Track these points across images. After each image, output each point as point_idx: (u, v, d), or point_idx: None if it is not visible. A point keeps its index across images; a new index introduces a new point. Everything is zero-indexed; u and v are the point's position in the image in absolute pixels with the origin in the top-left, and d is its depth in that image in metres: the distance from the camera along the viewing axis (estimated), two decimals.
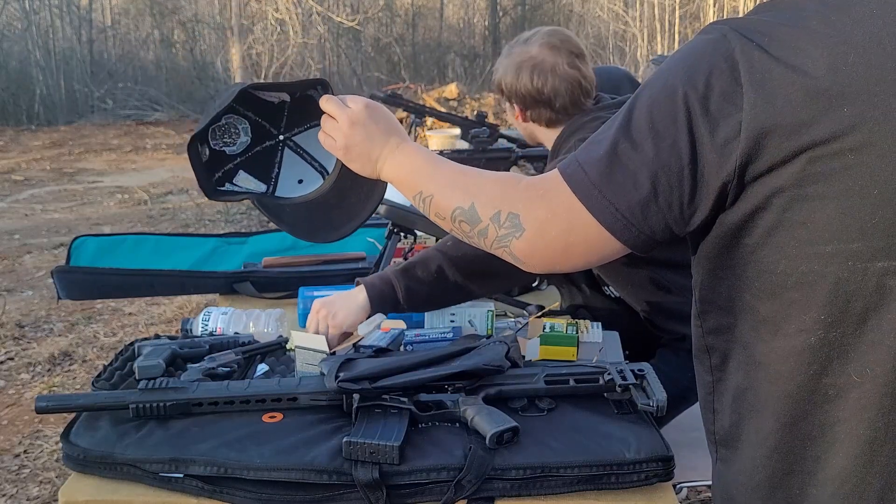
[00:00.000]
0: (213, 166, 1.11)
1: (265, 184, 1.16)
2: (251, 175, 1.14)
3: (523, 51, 1.57)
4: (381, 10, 13.19)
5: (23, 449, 2.61)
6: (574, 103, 1.57)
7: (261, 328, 1.44)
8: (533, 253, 0.84)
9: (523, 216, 0.83)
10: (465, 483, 0.97)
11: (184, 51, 13.13)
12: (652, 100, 0.76)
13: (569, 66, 1.55)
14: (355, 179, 1.06)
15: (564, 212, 0.80)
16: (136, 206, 6.48)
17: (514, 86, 1.57)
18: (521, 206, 0.84)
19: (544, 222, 0.82)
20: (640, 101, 0.78)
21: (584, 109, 1.59)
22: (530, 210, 0.83)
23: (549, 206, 0.82)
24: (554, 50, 1.55)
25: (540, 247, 0.83)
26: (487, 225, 0.86)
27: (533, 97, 1.56)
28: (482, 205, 0.86)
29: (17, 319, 3.79)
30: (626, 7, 9.94)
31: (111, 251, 1.82)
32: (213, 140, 1.10)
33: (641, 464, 1.00)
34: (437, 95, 9.90)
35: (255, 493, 0.98)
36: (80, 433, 1.06)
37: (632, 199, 0.76)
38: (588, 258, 0.84)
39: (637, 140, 0.76)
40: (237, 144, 1.12)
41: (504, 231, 0.84)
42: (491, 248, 0.88)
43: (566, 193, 0.80)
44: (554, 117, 1.58)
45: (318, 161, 1.17)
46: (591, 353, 1.31)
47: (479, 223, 0.87)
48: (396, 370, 1.11)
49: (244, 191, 1.14)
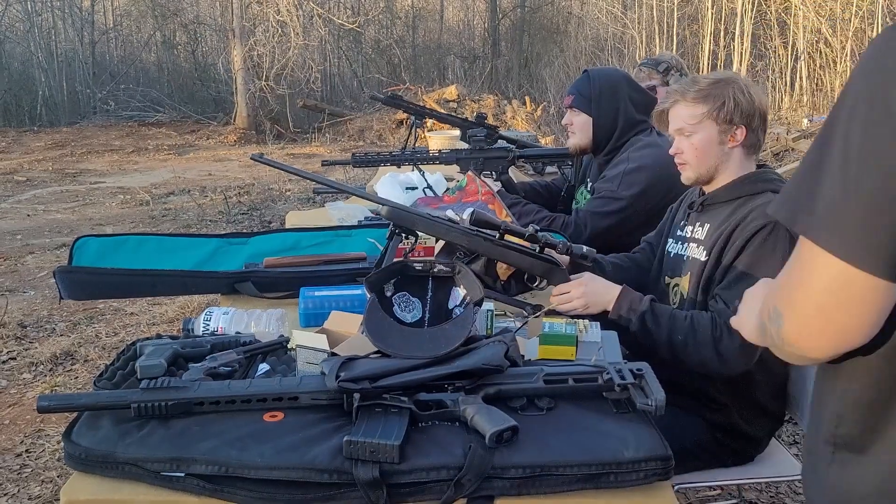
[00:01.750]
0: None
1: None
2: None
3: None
4: (382, 12, 13.21)
5: (25, 448, 2.61)
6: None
7: (262, 328, 1.45)
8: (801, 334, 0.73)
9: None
10: (464, 482, 0.98)
11: (185, 52, 13.16)
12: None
13: None
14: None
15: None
16: (138, 207, 6.49)
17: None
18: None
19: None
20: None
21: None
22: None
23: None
24: None
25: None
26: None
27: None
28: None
29: (20, 319, 3.80)
30: (624, 9, 9.94)
31: (113, 251, 1.82)
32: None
33: (640, 463, 1.01)
34: (437, 97, 9.91)
35: (256, 491, 0.99)
36: (82, 432, 1.07)
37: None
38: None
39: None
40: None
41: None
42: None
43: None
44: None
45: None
46: (590, 352, 1.32)
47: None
48: (396, 370, 1.12)
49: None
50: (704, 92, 1.56)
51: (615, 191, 2.15)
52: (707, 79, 1.59)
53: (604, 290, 1.59)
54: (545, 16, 13.34)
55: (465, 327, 1.24)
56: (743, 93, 1.55)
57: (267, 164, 1.70)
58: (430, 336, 1.27)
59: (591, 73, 2.27)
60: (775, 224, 1.47)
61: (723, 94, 1.55)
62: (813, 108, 7.17)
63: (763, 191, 1.55)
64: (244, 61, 10.49)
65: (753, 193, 1.56)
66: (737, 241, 1.50)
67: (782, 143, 5.99)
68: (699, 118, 1.57)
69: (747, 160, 1.60)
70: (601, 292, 1.59)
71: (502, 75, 12.68)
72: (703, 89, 1.57)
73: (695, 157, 1.60)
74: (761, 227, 1.48)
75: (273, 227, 5.47)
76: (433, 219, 1.58)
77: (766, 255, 1.47)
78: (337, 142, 10.21)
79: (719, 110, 1.55)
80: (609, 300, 1.58)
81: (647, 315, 1.53)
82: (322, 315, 1.47)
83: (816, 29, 7.35)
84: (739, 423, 1.60)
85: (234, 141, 10.33)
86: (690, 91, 1.58)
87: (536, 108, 9.77)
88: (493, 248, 1.56)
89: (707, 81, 1.58)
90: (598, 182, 2.26)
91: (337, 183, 1.81)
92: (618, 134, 2.23)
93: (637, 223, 2.15)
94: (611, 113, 2.21)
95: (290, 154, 9.23)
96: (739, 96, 1.55)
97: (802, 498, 2.30)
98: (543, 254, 1.59)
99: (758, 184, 1.57)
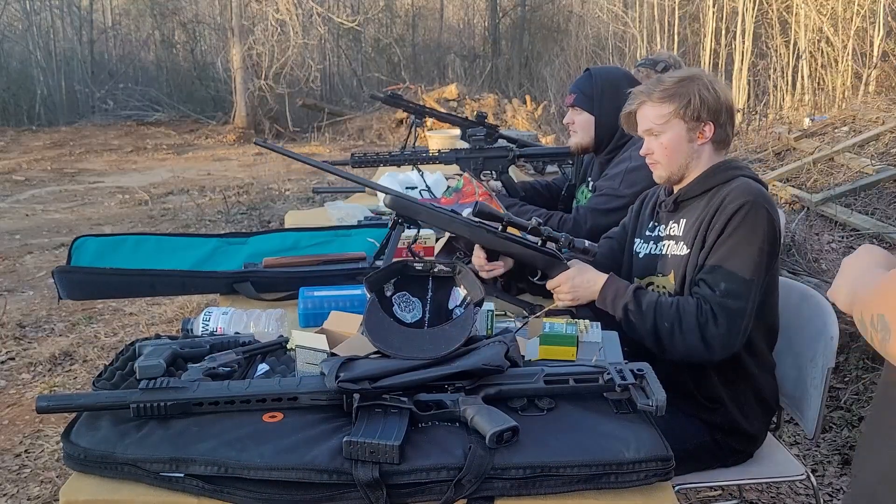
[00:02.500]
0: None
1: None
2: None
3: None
4: (382, 10, 13.19)
5: (24, 448, 2.61)
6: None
7: (261, 328, 1.45)
8: None
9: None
10: (464, 482, 0.98)
11: (184, 51, 13.14)
12: None
13: None
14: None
15: None
16: (137, 207, 6.48)
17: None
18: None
19: None
20: None
21: None
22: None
23: None
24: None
25: None
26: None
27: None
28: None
29: (18, 319, 3.80)
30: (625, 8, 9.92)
31: (112, 251, 1.82)
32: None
33: (640, 463, 1.00)
34: (437, 96, 9.90)
35: (255, 492, 0.98)
36: (81, 433, 1.06)
37: None
38: None
39: None
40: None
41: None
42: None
43: None
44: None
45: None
46: (590, 352, 1.31)
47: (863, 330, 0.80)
48: (396, 370, 1.12)
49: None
50: (670, 91, 1.57)
51: (617, 189, 2.15)
52: (671, 78, 1.60)
53: (589, 281, 1.61)
54: (546, 14, 13.33)
55: (466, 328, 1.24)
56: (708, 89, 1.56)
57: (271, 150, 1.71)
58: (430, 337, 1.26)
59: (592, 72, 2.27)
60: (753, 202, 1.49)
61: (688, 92, 1.56)
62: (814, 108, 7.16)
63: (735, 177, 1.57)
64: (243, 60, 10.48)
65: (725, 181, 1.57)
66: (716, 226, 1.51)
67: (784, 143, 5.99)
68: (666, 118, 1.58)
69: (717, 155, 1.62)
70: (586, 284, 1.60)
71: (503, 74, 12.67)
72: (667, 88, 1.58)
73: (665, 157, 1.60)
74: (740, 206, 1.49)
75: (272, 226, 5.46)
76: (436, 208, 1.58)
77: (747, 234, 1.48)
78: (336, 141, 10.20)
79: (686, 108, 1.56)
80: (595, 290, 1.59)
81: (630, 304, 1.54)
82: (321, 315, 1.47)
83: (818, 28, 7.34)
84: (738, 419, 1.60)
85: (233, 140, 10.32)
86: (655, 91, 1.59)
87: (537, 107, 9.76)
88: (496, 240, 1.56)
89: (671, 80, 1.59)
90: (599, 180, 2.25)
91: (343, 171, 1.80)
92: (620, 132, 2.22)
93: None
94: (613, 111, 2.21)
95: None
96: (705, 93, 1.56)
97: (803, 498, 2.30)
98: (545, 247, 1.59)
99: (728, 171, 1.59)
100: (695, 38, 8.93)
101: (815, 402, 1.63)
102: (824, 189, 4.88)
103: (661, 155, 1.61)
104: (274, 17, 10.74)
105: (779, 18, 8.02)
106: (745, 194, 1.50)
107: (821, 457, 2.49)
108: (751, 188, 1.52)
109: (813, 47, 7.51)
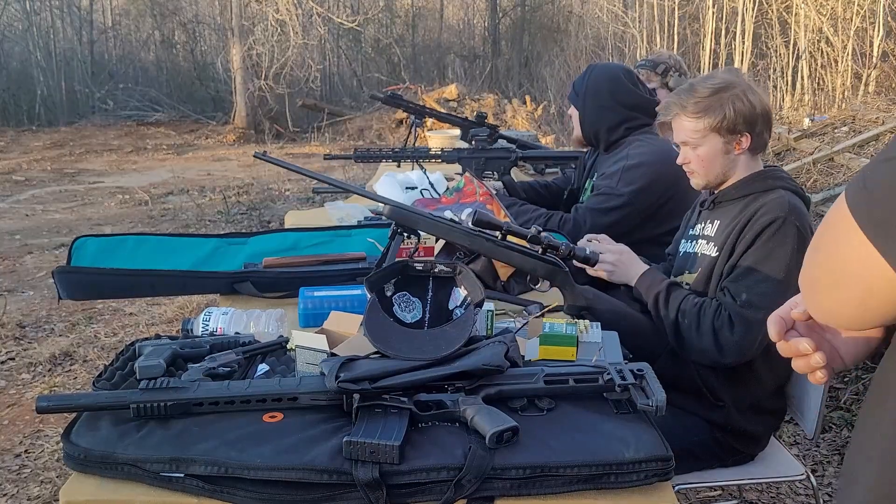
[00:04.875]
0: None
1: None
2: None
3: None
4: (381, 10, 13.20)
5: (24, 449, 2.61)
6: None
7: (261, 328, 1.45)
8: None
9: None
10: (464, 482, 0.98)
11: (184, 51, 13.14)
12: None
13: None
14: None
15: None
16: (137, 207, 6.48)
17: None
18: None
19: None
20: None
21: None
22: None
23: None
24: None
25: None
26: None
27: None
28: None
29: (18, 319, 3.80)
30: (625, 8, 9.93)
31: (112, 251, 1.82)
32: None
33: (640, 463, 1.00)
34: (437, 96, 9.90)
35: (255, 492, 0.98)
36: (81, 433, 1.06)
37: None
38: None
39: None
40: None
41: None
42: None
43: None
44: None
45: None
46: (590, 352, 1.31)
47: None
48: (396, 370, 1.12)
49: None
50: (703, 104, 1.58)
51: (614, 187, 2.16)
52: (705, 87, 1.59)
53: (633, 263, 1.73)
54: (545, 14, 13.34)
55: (466, 329, 1.24)
56: (742, 100, 1.56)
57: (269, 162, 1.70)
58: (430, 337, 1.26)
59: (590, 68, 2.32)
60: (785, 219, 1.50)
61: (723, 107, 1.56)
62: (814, 108, 7.16)
63: (773, 188, 1.58)
64: (243, 60, 10.48)
65: (764, 190, 1.58)
66: (747, 236, 1.53)
67: (784, 143, 5.99)
68: (703, 132, 1.60)
69: (753, 161, 1.64)
70: (629, 265, 1.73)
71: (502, 74, 12.67)
72: (701, 101, 1.58)
73: (702, 168, 1.63)
74: (771, 221, 1.51)
75: (272, 226, 5.46)
76: (435, 218, 1.58)
77: (775, 249, 1.50)
78: (336, 141, 10.20)
79: (721, 122, 1.57)
80: (633, 276, 1.71)
81: (661, 295, 1.63)
82: (321, 315, 1.47)
83: (818, 28, 7.34)
84: (739, 421, 1.60)
85: (233, 140, 10.32)
86: (689, 104, 1.59)
87: (537, 107, 9.76)
88: (496, 249, 1.56)
89: (706, 91, 1.58)
90: (597, 179, 2.26)
91: (338, 181, 1.81)
92: (605, 131, 2.25)
93: (637, 220, 2.15)
94: (595, 109, 2.25)
95: (290, 154, 9.22)
96: (739, 104, 1.56)
97: (802, 498, 2.30)
98: (546, 255, 1.58)
99: (768, 181, 1.60)
100: (694, 39, 8.93)
101: (814, 402, 1.63)
102: (824, 189, 4.89)
103: (697, 165, 1.64)
104: (274, 17, 10.75)
105: (778, 19, 8.02)
106: (778, 209, 1.52)
107: (821, 457, 2.49)
108: (785, 203, 1.53)
109: (813, 47, 7.51)
